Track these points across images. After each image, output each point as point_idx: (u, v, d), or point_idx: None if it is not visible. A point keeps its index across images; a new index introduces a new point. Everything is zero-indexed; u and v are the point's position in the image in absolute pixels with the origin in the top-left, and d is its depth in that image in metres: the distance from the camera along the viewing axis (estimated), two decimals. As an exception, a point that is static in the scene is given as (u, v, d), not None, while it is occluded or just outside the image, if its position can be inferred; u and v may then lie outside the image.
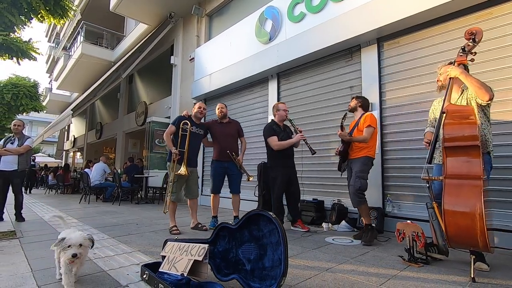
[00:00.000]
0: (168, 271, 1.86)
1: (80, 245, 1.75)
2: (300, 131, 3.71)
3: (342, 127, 3.35)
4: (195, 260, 1.82)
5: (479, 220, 1.81)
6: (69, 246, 1.71)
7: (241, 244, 1.75)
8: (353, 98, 3.53)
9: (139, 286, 1.88)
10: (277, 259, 1.53)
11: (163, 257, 2.02)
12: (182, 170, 3.53)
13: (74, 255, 1.70)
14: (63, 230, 1.98)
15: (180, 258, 1.90)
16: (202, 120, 4.08)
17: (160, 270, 1.90)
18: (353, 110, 3.46)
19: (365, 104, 3.45)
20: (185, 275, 1.73)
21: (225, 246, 1.85)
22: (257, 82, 5.98)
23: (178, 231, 3.55)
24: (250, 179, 3.93)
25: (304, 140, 3.66)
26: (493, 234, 2.26)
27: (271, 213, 1.61)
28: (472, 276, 1.96)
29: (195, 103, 4.09)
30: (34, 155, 12.48)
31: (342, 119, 3.39)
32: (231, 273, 1.71)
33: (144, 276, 1.94)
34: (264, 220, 1.66)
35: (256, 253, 1.66)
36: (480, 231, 1.80)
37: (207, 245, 1.85)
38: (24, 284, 1.91)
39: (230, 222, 1.97)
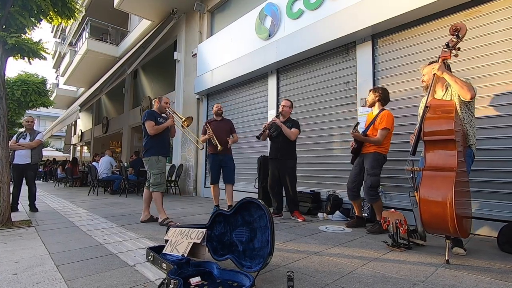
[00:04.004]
0: (170, 253, 2.08)
1: None
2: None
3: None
4: (194, 243, 2.05)
5: (449, 209, 1.98)
6: None
7: (235, 228, 1.97)
8: (370, 91, 3.37)
9: (145, 266, 2.11)
10: (265, 240, 1.74)
11: (166, 241, 2.25)
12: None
13: None
14: None
15: (181, 241, 2.12)
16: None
17: (163, 252, 2.13)
18: (372, 105, 3.38)
19: (384, 97, 3.27)
20: (185, 256, 1.96)
21: (221, 230, 2.06)
22: (257, 77, 6.14)
23: (173, 222, 3.54)
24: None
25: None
26: (470, 221, 2.42)
27: (260, 200, 1.81)
28: (446, 258, 2.15)
29: (160, 97, 4.03)
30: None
31: (354, 128, 3.24)
32: (226, 254, 1.93)
33: (149, 257, 2.17)
34: (254, 206, 1.86)
35: (248, 235, 1.87)
36: (450, 218, 1.98)
37: (205, 229, 2.07)
38: (44, 264, 2.16)
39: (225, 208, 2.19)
